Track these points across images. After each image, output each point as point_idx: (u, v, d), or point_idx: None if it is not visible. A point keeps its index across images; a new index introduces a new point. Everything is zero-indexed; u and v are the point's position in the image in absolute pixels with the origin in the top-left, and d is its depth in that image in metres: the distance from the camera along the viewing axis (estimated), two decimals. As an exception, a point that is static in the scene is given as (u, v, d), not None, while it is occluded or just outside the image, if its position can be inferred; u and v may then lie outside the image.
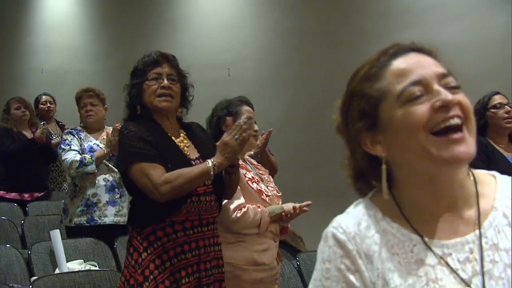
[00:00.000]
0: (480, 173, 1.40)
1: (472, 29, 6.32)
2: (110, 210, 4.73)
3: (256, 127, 3.70)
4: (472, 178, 1.36)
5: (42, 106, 6.75)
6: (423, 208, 1.31)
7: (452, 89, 1.27)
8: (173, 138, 3.17)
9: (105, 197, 4.75)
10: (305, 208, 3.55)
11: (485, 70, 5.99)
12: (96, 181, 4.74)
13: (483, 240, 1.28)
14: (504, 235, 1.29)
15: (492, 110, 4.37)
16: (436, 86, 1.26)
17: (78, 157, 4.69)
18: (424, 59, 1.31)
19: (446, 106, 1.23)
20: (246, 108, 3.65)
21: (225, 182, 3.17)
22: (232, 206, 3.35)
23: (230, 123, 3.15)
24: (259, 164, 3.96)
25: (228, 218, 3.35)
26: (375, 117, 1.31)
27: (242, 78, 7.43)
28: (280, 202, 3.65)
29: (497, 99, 4.41)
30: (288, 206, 3.50)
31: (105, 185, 4.73)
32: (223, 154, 2.93)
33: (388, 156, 1.32)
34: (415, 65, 1.29)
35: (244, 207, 3.38)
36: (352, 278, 1.27)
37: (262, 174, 3.79)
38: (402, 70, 1.29)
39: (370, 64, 1.33)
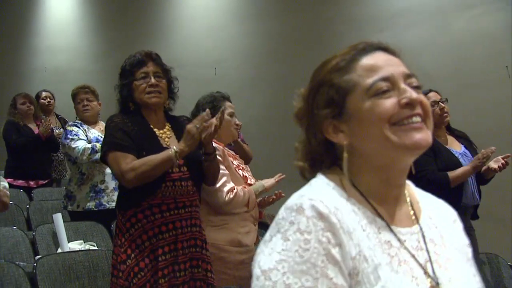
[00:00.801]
0: None
1: (432, 33, 6.37)
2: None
3: (238, 121, 3.71)
4: None
5: (42, 101, 6.72)
6: (376, 194, 1.28)
7: (415, 88, 1.27)
8: (156, 129, 3.15)
9: (112, 184, 4.74)
10: (282, 194, 3.58)
11: (443, 70, 6.05)
12: (104, 169, 4.72)
13: (427, 232, 1.31)
14: (434, 233, 1.32)
15: None
16: (403, 84, 1.25)
17: (89, 145, 4.68)
18: (391, 58, 1.30)
19: (411, 104, 1.23)
20: (228, 103, 3.64)
21: (205, 169, 3.15)
22: (225, 189, 3.34)
23: (208, 113, 3.05)
24: (236, 155, 3.94)
25: (221, 200, 3.34)
26: (342, 106, 1.28)
27: (227, 77, 7.43)
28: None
29: (431, 97, 4.33)
30: (268, 182, 3.52)
31: (111, 173, 4.71)
32: (185, 141, 2.93)
33: (349, 145, 1.28)
34: (384, 62, 1.28)
35: (235, 189, 3.38)
36: (333, 251, 1.14)
37: (241, 162, 3.81)
38: (372, 65, 1.27)
39: (341, 57, 1.31)
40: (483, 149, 4.08)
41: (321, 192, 1.23)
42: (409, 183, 1.38)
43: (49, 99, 6.81)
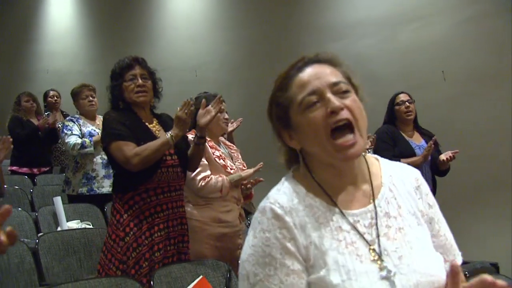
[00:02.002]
0: (369, 156, 1.43)
1: (381, 42, 6.41)
2: (106, 182, 4.70)
3: (226, 116, 3.71)
4: (365, 160, 1.39)
5: (50, 99, 6.69)
6: (331, 184, 1.32)
7: (343, 93, 1.28)
8: (146, 123, 3.16)
9: (102, 172, 4.72)
10: (261, 179, 3.60)
11: (390, 74, 6.11)
12: (95, 159, 4.70)
13: (378, 209, 1.31)
14: (392, 205, 1.33)
15: (396, 107, 4.49)
16: (328, 94, 1.26)
17: (79, 140, 4.65)
18: (323, 70, 1.31)
19: (335, 112, 1.24)
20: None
21: (192, 154, 3.17)
22: (198, 178, 3.35)
23: (204, 103, 3.11)
24: (232, 144, 3.96)
25: (195, 186, 3.36)
26: (288, 119, 1.32)
27: (206, 79, 7.41)
28: None
29: (401, 97, 4.52)
30: (247, 172, 3.52)
31: (102, 163, 4.69)
32: (178, 126, 2.94)
33: (301, 148, 1.34)
34: (313, 77, 1.29)
35: (208, 177, 3.38)
36: (288, 244, 1.23)
37: (233, 152, 3.80)
38: (303, 82, 1.29)
39: (283, 76, 1.34)
40: (430, 142, 4.20)
41: (280, 194, 1.31)
42: (377, 162, 1.43)
43: (56, 98, 6.79)
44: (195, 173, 3.35)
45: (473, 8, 5.79)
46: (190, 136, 3.32)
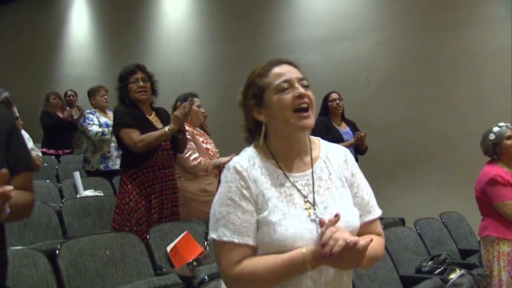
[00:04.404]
0: (312, 138, 1.46)
1: (322, 55, 6.42)
2: (119, 161, 4.49)
3: (203, 111, 3.66)
4: (308, 140, 1.42)
5: (67, 97, 6.60)
6: (283, 153, 1.35)
7: (305, 87, 1.34)
8: (147, 115, 3.14)
9: (115, 153, 4.65)
10: (234, 154, 3.59)
11: (330, 80, 6.09)
12: (110, 144, 4.63)
13: (314, 174, 1.36)
14: (324, 172, 1.37)
15: (329, 103, 4.43)
16: (297, 84, 1.32)
17: (100, 129, 4.58)
18: (291, 68, 1.36)
19: (301, 96, 1.31)
20: (196, 99, 3.61)
21: (179, 142, 3.15)
22: (191, 158, 3.35)
23: (179, 104, 3.08)
24: (204, 132, 3.86)
25: (188, 165, 3.35)
26: (262, 98, 1.34)
27: (191, 82, 7.34)
28: (218, 156, 3.65)
29: (333, 95, 4.45)
30: (224, 159, 3.48)
31: (115, 146, 4.58)
32: (174, 122, 2.95)
33: (266, 122, 1.35)
34: (286, 71, 1.35)
35: (198, 159, 3.37)
36: (244, 191, 1.28)
37: (207, 138, 3.75)
38: (279, 73, 1.34)
39: (262, 67, 1.37)
40: (357, 132, 4.23)
41: (242, 158, 1.35)
42: (319, 142, 1.45)
43: (72, 96, 6.68)
44: (187, 154, 3.33)
45: (390, 30, 5.88)
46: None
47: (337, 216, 1.19)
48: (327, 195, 1.34)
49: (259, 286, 1.26)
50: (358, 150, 4.45)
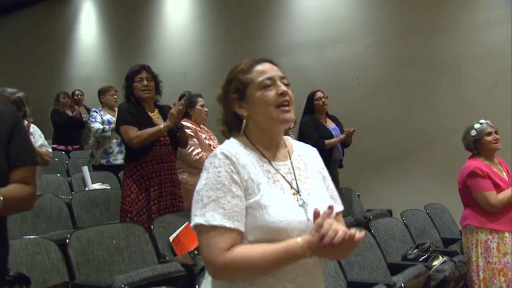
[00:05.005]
0: (285, 137, 1.42)
1: (315, 57, 6.42)
2: (120, 156, 4.60)
3: (206, 109, 3.62)
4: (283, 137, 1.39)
5: (75, 97, 6.61)
6: (263, 144, 1.32)
7: (286, 85, 1.31)
8: (149, 113, 3.10)
9: (116, 149, 4.64)
10: None
11: (323, 80, 6.08)
12: (112, 140, 4.62)
13: (293, 164, 1.34)
14: (301, 163, 1.36)
15: (315, 102, 4.32)
16: (279, 82, 1.29)
17: (101, 126, 4.57)
18: (273, 67, 1.33)
19: (283, 93, 1.28)
20: (200, 99, 3.60)
21: (179, 137, 3.12)
22: (193, 153, 3.32)
23: (176, 102, 2.99)
24: (208, 129, 3.83)
25: (191, 160, 3.32)
26: (244, 93, 1.30)
27: (192, 83, 7.27)
28: None
29: (318, 94, 4.35)
30: None
31: (116, 142, 4.60)
32: (170, 119, 2.91)
33: (248, 116, 1.31)
34: (268, 69, 1.31)
35: (200, 153, 3.35)
36: (234, 176, 1.21)
37: (210, 135, 3.71)
38: (262, 70, 1.30)
39: (245, 64, 1.33)
40: (346, 128, 4.20)
41: (228, 146, 1.28)
42: (288, 138, 1.43)
43: (80, 96, 6.67)
44: (190, 149, 3.31)
45: (379, 34, 5.89)
46: (185, 123, 3.27)
47: (330, 208, 1.15)
48: (308, 183, 1.32)
49: (251, 274, 1.19)
50: (343, 143, 4.41)
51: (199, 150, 3.37)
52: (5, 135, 1.46)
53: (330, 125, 4.42)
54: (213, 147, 3.49)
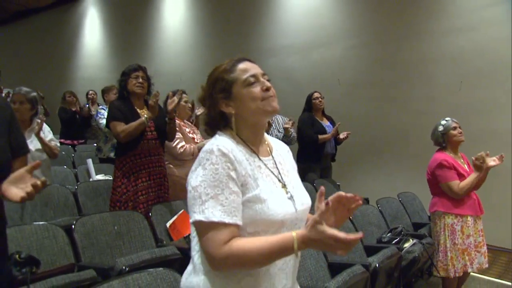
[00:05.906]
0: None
1: (301, 59, 6.41)
2: None
3: (190, 105, 3.58)
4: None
5: (89, 96, 6.57)
6: (250, 140, 1.27)
7: (268, 80, 1.26)
8: (138, 109, 3.03)
9: None
10: None
11: (307, 80, 6.16)
12: None
13: (275, 159, 1.31)
14: (280, 159, 1.33)
15: (313, 101, 4.44)
16: (262, 78, 1.25)
17: None
18: (253, 65, 1.28)
19: (268, 89, 1.23)
20: (184, 95, 3.52)
21: (168, 130, 3.04)
22: (178, 146, 3.27)
23: (171, 95, 2.96)
24: (192, 124, 3.80)
25: (175, 152, 3.27)
26: (230, 92, 1.24)
27: (187, 82, 7.16)
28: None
29: (315, 94, 4.48)
30: (207, 141, 3.41)
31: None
32: (150, 111, 2.88)
33: (235, 113, 1.25)
34: (250, 67, 1.26)
35: (184, 146, 3.29)
36: (232, 173, 1.14)
37: (194, 129, 3.66)
38: (245, 68, 1.25)
39: (227, 64, 1.27)
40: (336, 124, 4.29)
41: (222, 141, 1.20)
42: (267, 135, 1.38)
43: (93, 95, 6.61)
44: (175, 143, 3.26)
45: (358, 38, 5.90)
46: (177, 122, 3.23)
47: (327, 204, 1.07)
48: (290, 177, 1.30)
49: (248, 266, 1.14)
50: (336, 141, 4.56)
51: (183, 143, 3.33)
52: (5, 128, 1.46)
53: (325, 122, 4.53)
54: (197, 141, 3.46)
